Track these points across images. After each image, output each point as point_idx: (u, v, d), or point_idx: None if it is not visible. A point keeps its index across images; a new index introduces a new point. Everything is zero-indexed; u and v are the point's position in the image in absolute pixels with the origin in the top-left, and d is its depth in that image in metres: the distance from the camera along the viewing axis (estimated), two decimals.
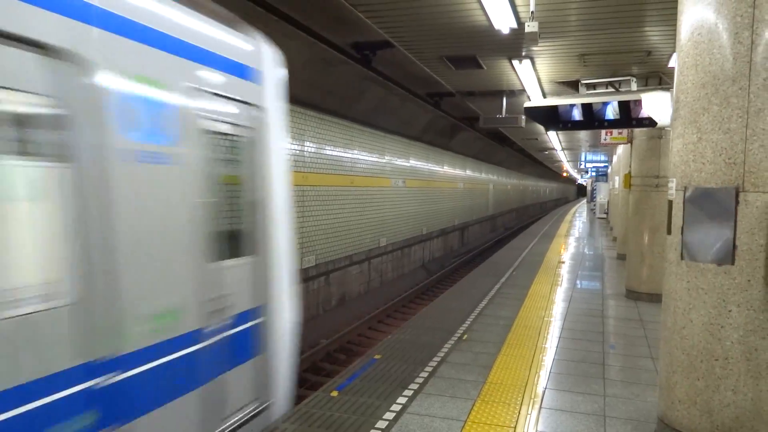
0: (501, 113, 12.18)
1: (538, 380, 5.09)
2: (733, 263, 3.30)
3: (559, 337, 6.54)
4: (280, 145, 4.30)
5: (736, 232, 3.28)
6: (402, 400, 4.60)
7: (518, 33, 6.68)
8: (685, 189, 3.49)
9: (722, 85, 3.29)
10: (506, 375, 5.21)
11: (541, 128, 11.43)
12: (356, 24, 7.10)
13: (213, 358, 3.54)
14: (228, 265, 3.73)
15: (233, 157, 3.84)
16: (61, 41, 2.54)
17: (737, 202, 3.27)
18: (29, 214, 2.51)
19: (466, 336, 6.50)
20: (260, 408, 4.07)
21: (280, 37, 5.83)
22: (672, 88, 3.78)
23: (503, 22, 6.42)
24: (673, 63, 6.11)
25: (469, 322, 7.14)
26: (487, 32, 7.06)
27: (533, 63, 8.77)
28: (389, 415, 4.29)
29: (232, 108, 3.76)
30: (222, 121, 3.66)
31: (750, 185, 3.24)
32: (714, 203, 3.34)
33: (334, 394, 4.71)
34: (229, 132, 3.76)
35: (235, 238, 3.87)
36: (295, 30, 7.59)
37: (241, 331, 3.86)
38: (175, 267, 3.23)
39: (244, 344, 3.93)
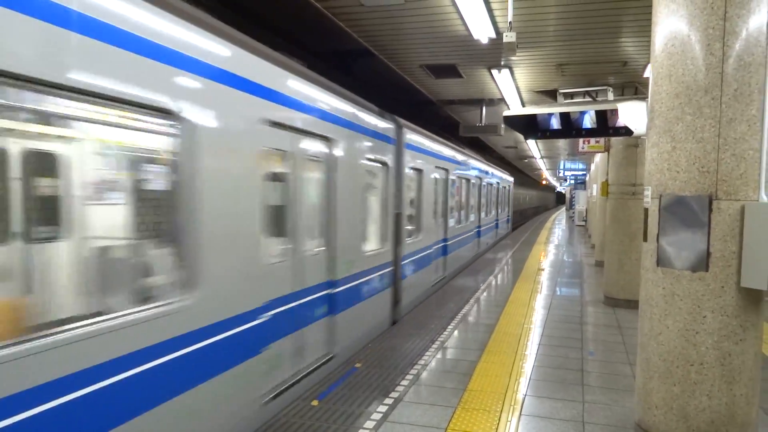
0: (480, 122, 12.26)
1: (518, 387, 5.12)
2: (707, 270, 3.36)
3: (539, 344, 6.58)
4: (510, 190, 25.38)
5: (709, 240, 3.34)
6: (382, 408, 4.58)
7: (497, 43, 6.75)
8: (660, 197, 3.54)
9: (695, 95, 3.36)
10: (486, 382, 5.23)
11: (521, 137, 11.49)
12: (336, 32, 7.11)
13: (503, 224, 22.81)
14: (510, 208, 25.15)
15: (505, 196, 23.80)
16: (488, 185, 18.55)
17: (710, 210, 3.33)
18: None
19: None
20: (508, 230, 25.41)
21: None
22: (647, 97, 3.85)
23: (482, 32, 6.48)
24: (648, 73, 6.22)
25: (450, 329, 7.15)
26: (467, 42, 7.12)
27: (512, 72, 8.86)
28: (369, 424, 4.27)
29: (508, 185, 24.49)
30: (509, 188, 24.92)
31: (723, 193, 3.31)
32: (688, 211, 3.40)
33: (315, 403, 4.68)
34: (507, 187, 24.09)
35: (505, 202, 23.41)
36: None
37: (507, 218, 25.00)
38: (505, 209, 23.89)
39: (508, 220, 25.40)
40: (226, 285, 3.88)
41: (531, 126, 7.81)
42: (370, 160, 6.92)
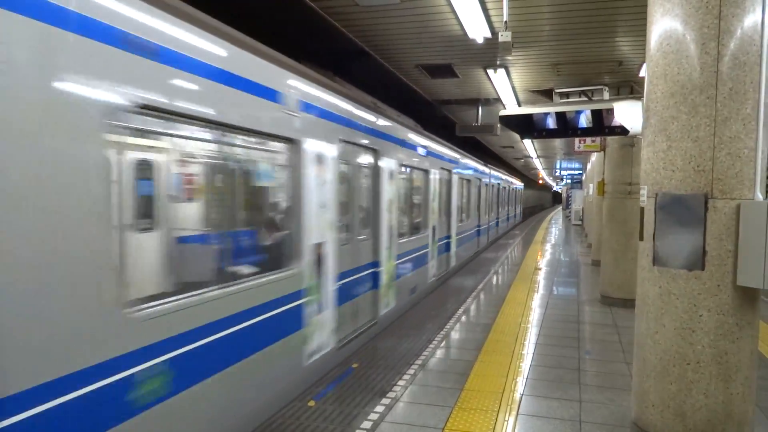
0: (477, 121, 12.27)
1: (515, 387, 5.12)
2: (703, 269, 3.36)
3: (536, 344, 6.58)
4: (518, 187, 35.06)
5: (705, 238, 3.35)
6: (380, 408, 4.57)
7: (492, 42, 6.75)
8: (656, 196, 3.55)
9: (690, 94, 3.36)
10: (483, 382, 5.22)
11: (517, 136, 11.52)
12: (331, 32, 7.10)
13: (518, 214, 34.56)
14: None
15: (519, 196, 36.63)
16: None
17: (706, 209, 3.34)
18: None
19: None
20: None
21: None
22: (643, 97, 3.86)
23: (477, 31, 6.49)
24: (643, 73, 6.22)
25: (447, 329, 7.15)
26: (462, 42, 7.13)
27: (508, 72, 8.87)
28: (366, 424, 4.26)
29: (521, 189, 37.26)
30: (521, 190, 37.79)
31: (718, 192, 3.31)
32: (684, 210, 3.41)
33: (311, 403, 4.67)
34: (520, 190, 36.59)
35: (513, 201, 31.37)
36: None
37: (521, 211, 37.17)
38: (519, 204, 36.51)
39: (521, 212, 38.03)
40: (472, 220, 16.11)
41: (527, 125, 7.80)
42: (486, 184, 18.21)
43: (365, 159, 6.99)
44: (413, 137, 9.08)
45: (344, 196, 6.30)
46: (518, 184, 33.00)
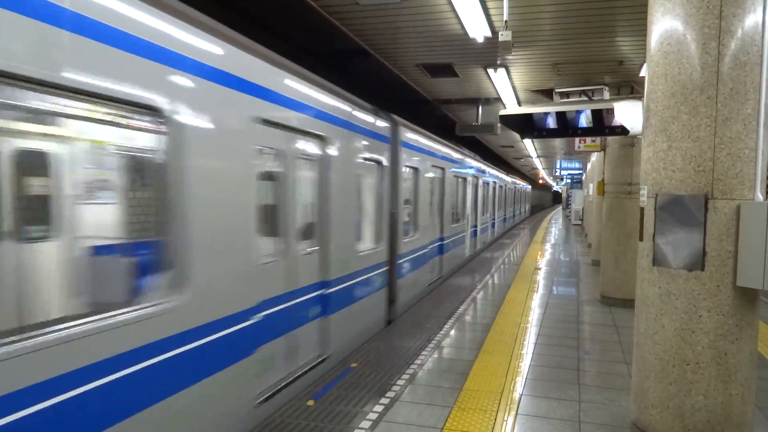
0: (477, 121, 12.25)
1: (514, 386, 5.11)
2: (703, 269, 3.36)
3: (535, 343, 6.58)
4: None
5: (705, 239, 3.34)
6: (379, 408, 4.57)
7: (493, 42, 6.75)
8: (656, 196, 3.54)
9: (691, 94, 3.36)
10: (483, 382, 5.22)
11: (517, 136, 11.52)
12: (332, 31, 7.09)
13: (528, 210, 45.42)
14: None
15: (527, 196, 45.43)
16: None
17: (706, 209, 3.33)
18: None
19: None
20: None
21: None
22: (643, 97, 3.85)
23: (478, 30, 6.47)
24: (644, 73, 6.22)
25: (446, 328, 7.15)
26: (463, 41, 7.12)
27: (508, 71, 8.86)
28: (366, 424, 4.26)
29: (528, 190, 44.75)
30: (528, 191, 45.80)
31: (718, 192, 3.31)
32: (684, 210, 3.40)
33: (311, 403, 4.66)
34: (528, 191, 44.35)
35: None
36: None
37: (529, 208, 46.98)
38: (528, 203, 45.94)
39: (530, 208, 47.26)
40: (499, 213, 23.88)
41: (527, 125, 7.79)
42: (509, 189, 26.81)
43: (476, 182, 15.52)
44: (487, 169, 17.90)
45: (470, 197, 14.40)
46: (528, 187, 42.12)
